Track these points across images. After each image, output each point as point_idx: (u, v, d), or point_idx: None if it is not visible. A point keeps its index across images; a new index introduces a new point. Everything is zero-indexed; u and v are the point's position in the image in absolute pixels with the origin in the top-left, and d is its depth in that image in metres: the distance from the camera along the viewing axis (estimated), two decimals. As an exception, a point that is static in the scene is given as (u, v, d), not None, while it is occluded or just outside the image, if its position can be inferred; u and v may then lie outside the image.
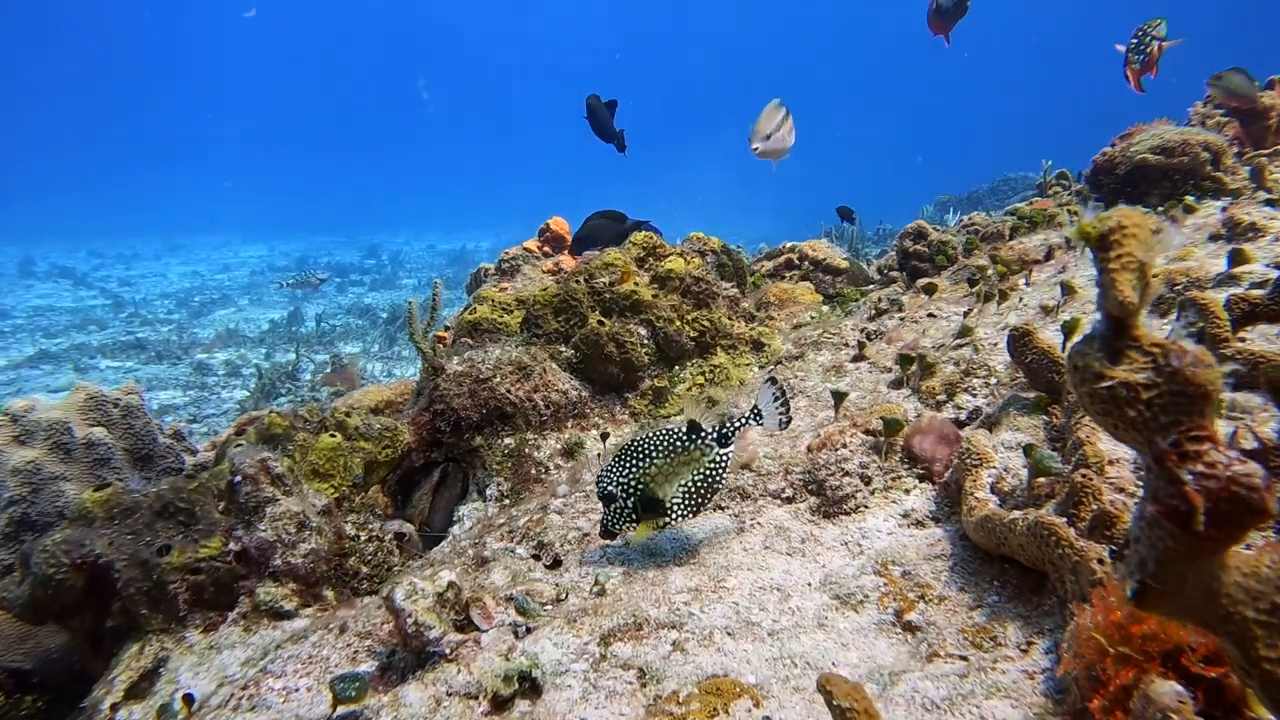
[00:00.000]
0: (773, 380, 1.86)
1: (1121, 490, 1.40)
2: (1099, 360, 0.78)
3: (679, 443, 1.76)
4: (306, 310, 13.29)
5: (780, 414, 1.84)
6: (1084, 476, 1.37)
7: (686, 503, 1.76)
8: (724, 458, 1.79)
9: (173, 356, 10.11)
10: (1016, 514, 1.39)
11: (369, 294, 15.57)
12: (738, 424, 1.82)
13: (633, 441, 1.79)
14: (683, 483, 1.75)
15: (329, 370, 9.21)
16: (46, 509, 2.25)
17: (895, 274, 4.46)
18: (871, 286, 4.64)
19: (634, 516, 1.75)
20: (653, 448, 1.76)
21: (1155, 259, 0.75)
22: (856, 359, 2.57)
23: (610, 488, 1.75)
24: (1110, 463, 1.45)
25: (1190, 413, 0.76)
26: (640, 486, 1.74)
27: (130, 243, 24.65)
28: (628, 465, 1.76)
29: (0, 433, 2.29)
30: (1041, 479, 1.53)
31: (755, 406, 1.84)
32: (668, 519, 1.75)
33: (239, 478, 1.93)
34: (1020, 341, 1.80)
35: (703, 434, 1.77)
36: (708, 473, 1.77)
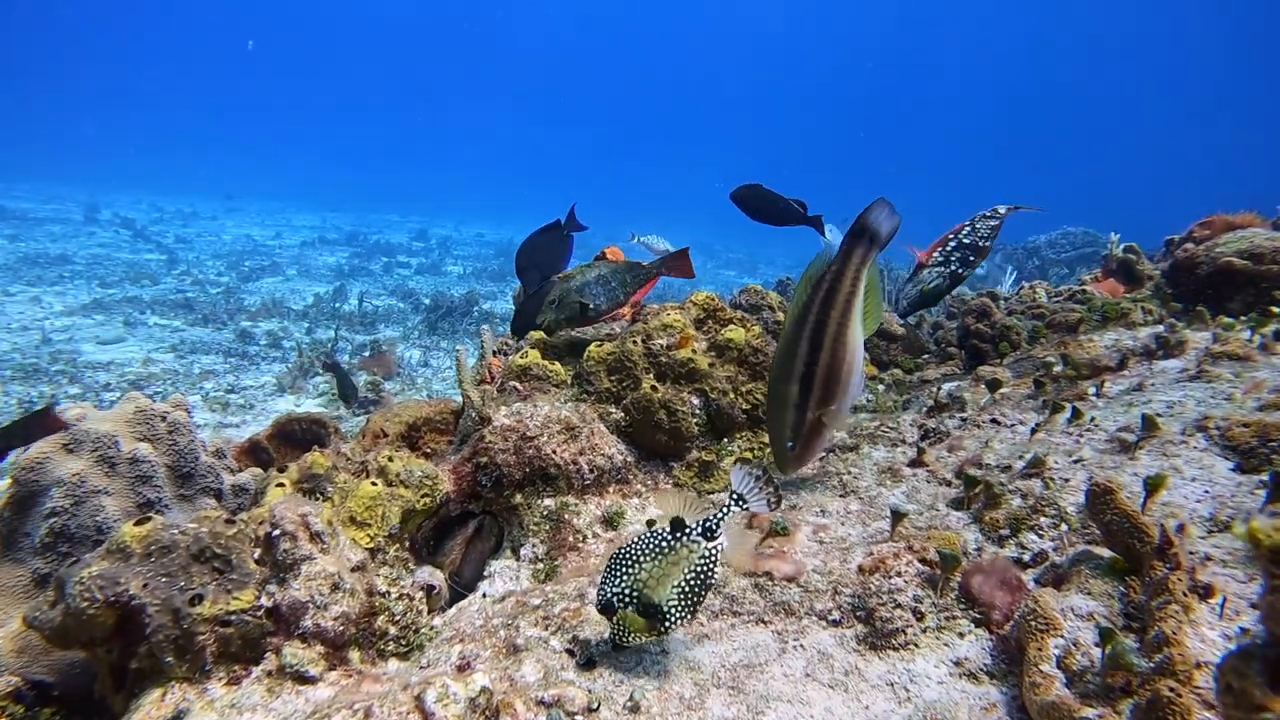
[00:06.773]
0: (743, 461, 1.83)
1: (1211, 706, 1.30)
2: (1259, 687, 0.70)
3: (665, 544, 1.73)
4: (351, 287, 13.45)
5: (768, 495, 1.81)
6: (1171, 691, 1.27)
7: (683, 603, 1.71)
8: (712, 552, 1.74)
9: (218, 321, 10.28)
10: (1090, 714, 1.30)
11: (414, 277, 15.72)
12: (721, 514, 1.77)
13: (621, 549, 1.76)
14: (675, 584, 1.71)
15: (367, 354, 9.27)
16: (85, 522, 2.25)
17: (953, 349, 4.34)
18: (926, 357, 4.52)
19: (638, 625, 1.71)
20: (640, 553, 1.73)
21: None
22: (914, 464, 2.47)
23: (608, 598, 1.71)
24: (1198, 666, 1.35)
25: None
26: (635, 594, 1.70)
27: (190, 199, 25.22)
28: (621, 573, 1.72)
29: (50, 439, 2.29)
30: (1119, 670, 1.43)
31: (734, 491, 1.80)
32: (667, 623, 1.70)
33: (278, 532, 1.90)
34: (1101, 499, 1.70)
35: (687, 531, 1.73)
36: (698, 569, 1.72)
